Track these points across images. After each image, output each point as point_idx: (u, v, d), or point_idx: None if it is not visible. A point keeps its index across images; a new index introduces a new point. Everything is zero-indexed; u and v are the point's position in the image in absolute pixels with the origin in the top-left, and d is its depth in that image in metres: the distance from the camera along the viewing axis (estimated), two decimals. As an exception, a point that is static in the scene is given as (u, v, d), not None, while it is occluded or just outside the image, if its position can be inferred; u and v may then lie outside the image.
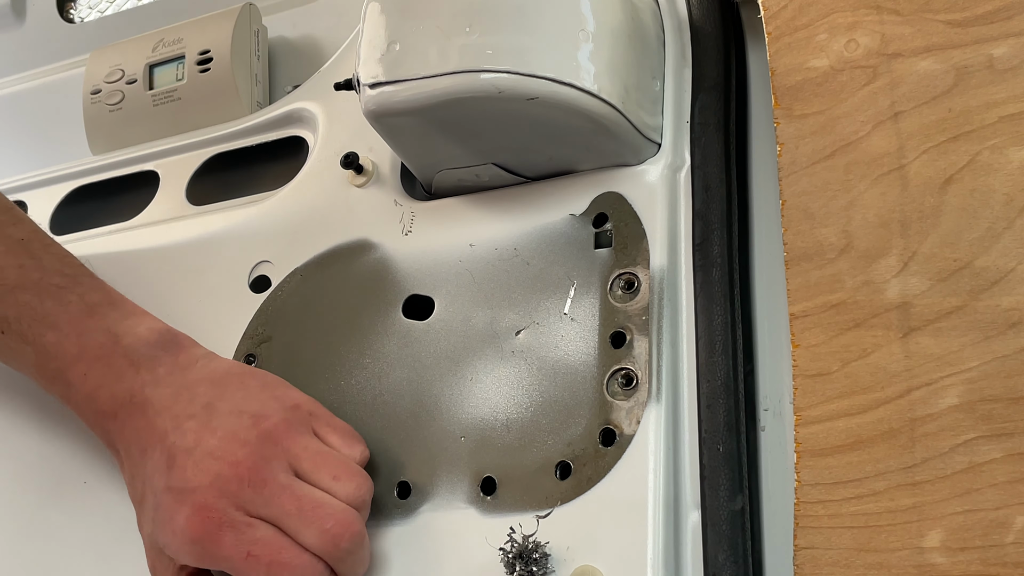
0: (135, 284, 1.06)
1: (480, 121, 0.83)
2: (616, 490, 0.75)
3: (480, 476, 0.80)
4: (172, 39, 1.19)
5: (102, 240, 1.12)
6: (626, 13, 0.85)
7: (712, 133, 0.86)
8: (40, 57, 1.40)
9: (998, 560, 0.62)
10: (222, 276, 1.01)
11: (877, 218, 0.72)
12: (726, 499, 0.74)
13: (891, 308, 0.70)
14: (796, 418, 0.71)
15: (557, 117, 0.81)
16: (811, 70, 0.78)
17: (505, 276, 0.87)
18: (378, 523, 0.82)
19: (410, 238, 0.93)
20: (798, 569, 0.67)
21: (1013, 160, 0.69)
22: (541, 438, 0.79)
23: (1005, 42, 0.71)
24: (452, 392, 0.84)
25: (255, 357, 0.95)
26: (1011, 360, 0.65)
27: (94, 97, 1.21)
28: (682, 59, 0.90)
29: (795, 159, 0.76)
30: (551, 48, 0.80)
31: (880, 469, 0.67)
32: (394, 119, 0.83)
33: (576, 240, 0.85)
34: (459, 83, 0.80)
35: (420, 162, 0.91)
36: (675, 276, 0.81)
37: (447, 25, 0.80)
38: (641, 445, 0.75)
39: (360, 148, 0.99)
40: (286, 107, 1.09)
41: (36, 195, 1.22)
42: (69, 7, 1.43)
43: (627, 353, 0.79)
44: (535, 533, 0.75)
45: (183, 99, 1.17)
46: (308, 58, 1.20)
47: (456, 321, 0.87)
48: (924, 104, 0.73)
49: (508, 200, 0.90)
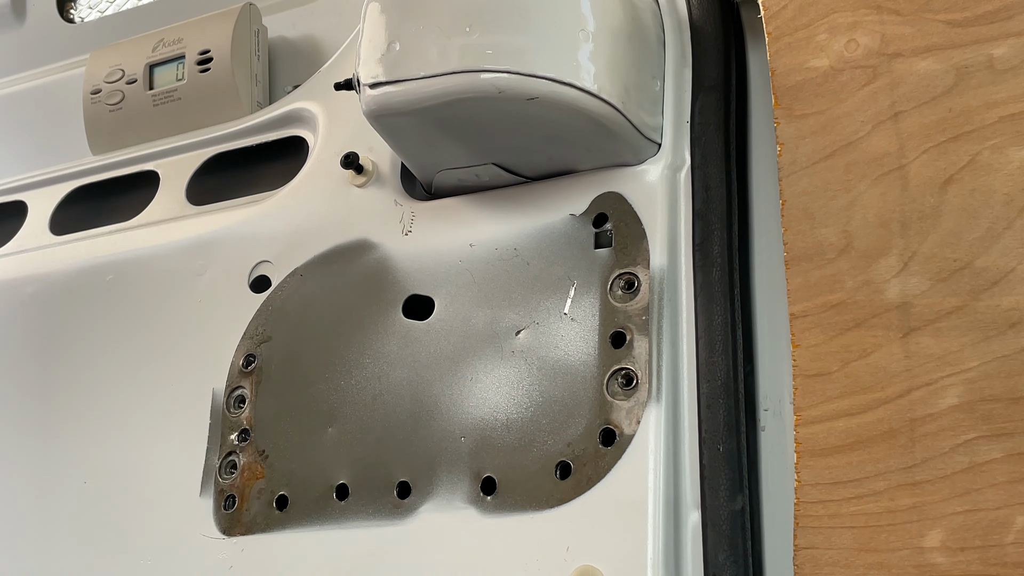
0: (135, 284, 1.06)
1: (480, 121, 0.83)
2: (616, 490, 0.75)
3: (480, 476, 0.80)
4: (172, 39, 1.19)
5: (102, 240, 1.12)
6: (626, 13, 0.85)
7: (712, 133, 0.86)
8: (40, 57, 1.40)
9: (998, 560, 0.62)
10: (222, 276, 1.01)
11: (877, 218, 0.72)
12: (726, 499, 0.74)
13: (891, 308, 0.70)
14: (796, 418, 0.71)
15: (557, 117, 0.81)
16: (811, 70, 0.78)
17: (505, 276, 0.87)
18: (378, 523, 0.82)
19: (410, 238, 0.93)
20: (798, 569, 0.67)
21: (1013, 160, 0.69)
22: (541, 438, 0.79)
23: (1005, 42, 0.71)
24: (452, 392, 0.84)
25: (255, 357, 0.95)
26: (1011, 360, 0.65)
27: (94, 97, 1.21)
28: (682, 59, 0.90)
29: (795, 159, 0.76)
30: (551, 48, 0.80)
31: (880, 469, 0.67)
32: (394, 119, 0.83)
33: (576, 240, 0.85)
34: (459, 83, 0.80)
35: (420, 162, 0.91)
36: (675, 276, 0.81)
37: (447, 25, 0.80)
38: (641, 445, 0.75)
39: (360, 148, 0.99)
40: (286, 107, 1.09)
41: (36, 195, 1.22)
42: (69, 7, 1.43)
43: (627, 353, 0.79)
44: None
45: (183, 99, 1.17)
46: (308, 58, 1.20)
47: (456, 321, 0.87)
48: (924, 104, 0.73)
49: (508, 200, 0.90)
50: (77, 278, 1.11)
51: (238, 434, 0.94)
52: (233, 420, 0.95)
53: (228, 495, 0.92)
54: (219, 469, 0.94)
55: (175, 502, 0.94)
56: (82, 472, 0.99)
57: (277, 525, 0.88)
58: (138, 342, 1.04)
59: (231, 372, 0.97)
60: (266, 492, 0.90)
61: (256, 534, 0.89)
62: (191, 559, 0.91)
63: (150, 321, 1.04)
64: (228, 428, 0.95)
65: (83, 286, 1.10)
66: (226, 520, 0.91)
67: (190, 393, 0.98)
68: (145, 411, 1.01)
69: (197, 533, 0.92)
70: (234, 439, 0.94)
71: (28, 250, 1.17)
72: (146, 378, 1.02)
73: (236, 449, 0.94)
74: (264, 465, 0.91)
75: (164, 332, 1.03)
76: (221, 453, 0.94)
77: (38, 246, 1.17)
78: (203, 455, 0.95)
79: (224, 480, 0.93)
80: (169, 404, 0.99)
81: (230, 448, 0.94)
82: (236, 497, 0.92)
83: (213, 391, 0.97)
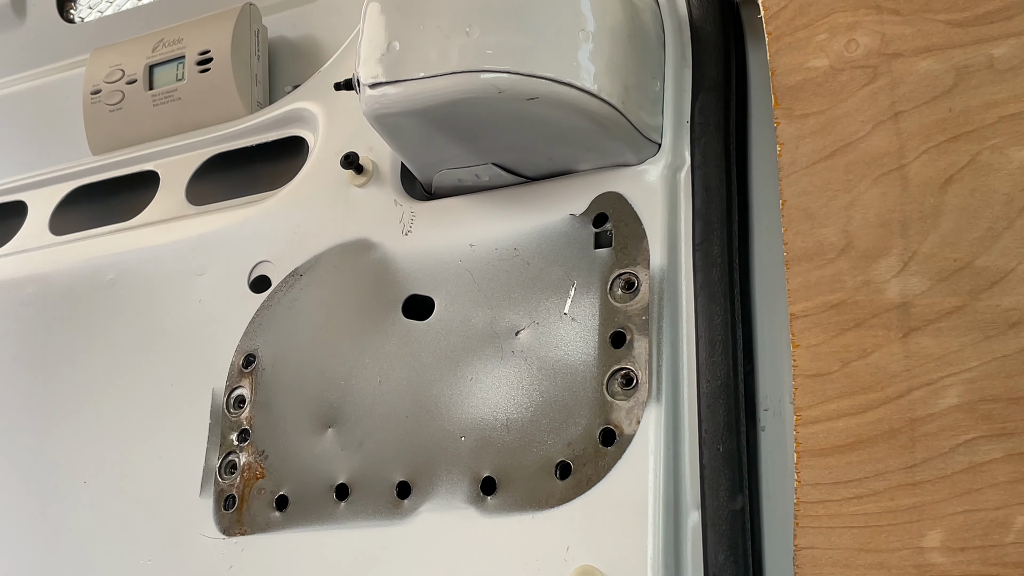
0: (135, 284, 1.06)
1: (480, 121, 0.83)
2: (616, 490, 0.75)
3: (480, 476, 0.80)
4: (172, 39, 1.19)
5: (102, 240, 1.12)
6: (626, 13, 0.85)
7: (712, 133, 0.86)
8: (40, 57, 1.40)
9: (998, 560, 0.62)
10: (222, 276, 1.01)
11: (877, 218, 0.72)
12: (726, 499, 0.74)
13: (891, 308, 0.70)
14: (796, 418, 0.71)
15: (557, 117, 0.81)
16: (811, 70, 0.78)
17: (505, 276, 0.87)
18: (378, 523, 0.82)
19: (410, 238, 0.93)
20: (798, 569, 0.67)
21: (1013, 160, 0.69)
22: (541, 438, 0.79)
23: (1005, 42, 0.71)
24: (452, 392, 0.84)
25: (255, 357, 0.95)
26: (1011, 360, 0.65)
27: (94, 97, 1.21)
28: (682, 59, 0.90)
29: (795, 159, 0.76)
30: (551, 48, 0.80)
31: (880, 469, 0.67)
32: (394, 119, 0.83)
33: (576, 240, 0.85)
34: (459, 83, 0.80)
35: (420, 162, 0.91)
36: (675, 276, 0.81)
37: (447, 25, 0.80)
38: (641, 445, 0.75)
39: (360, 148, 0.99)
40: (286, 107, 1.09)
41: (36, 195, 1.22)
42: (69, 7, 1.43)
43: (627, 353, 0.79)
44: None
45: (183, 99, 1.17)
46: (308, 58, 1.20)
47: (456, 321, 0.87)
48: (924, 104, 0.73)
49: (508, 200, 0.90)
50: (77, 278, 1.11)
51: (238, 434, 0.94)
52: (233, 420, 0.95)
53: (228, 495, 0.92)
54: (219, 469, 0.94)
55: (175, 502, 0.94)
56: (82, 472, 0.99)
57: (277, 525, 0.88)
58: (138, 342, 1.04)
59: (231, 372, 0.97)
60: (266, 492, 0.90)
61: (256, 534, 0.89)
62: (191, 559, 0.91)
63: (150, 321, 1.04)
64: (228, 428, 0.95)
65: (83, 286, 1.10)
66: (226, 520, 0.91)
67: (190, 393, 0.98)
68: (145, 411, 1.01)
69: (197, 533, 0.92)
70: (234, 439, 0.94)
71: (28, 250, 1.17)
72: (146, 378, 1.02)
73: (236, 449, 0.94)
74: (264, 465, 0.91)
75: (164, 332, 1.03)
76: (221, 453, 0.94)
77: (38, 246, 1.17)
78: (203, 455, 0.95)
79: (224, 480, 0.93)
80: (169, 404, 0.99)
81: (230, 448, 0.94)
82: (236, 497, 0.92)
83: (213, 391, 0.97)
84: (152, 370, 1.02)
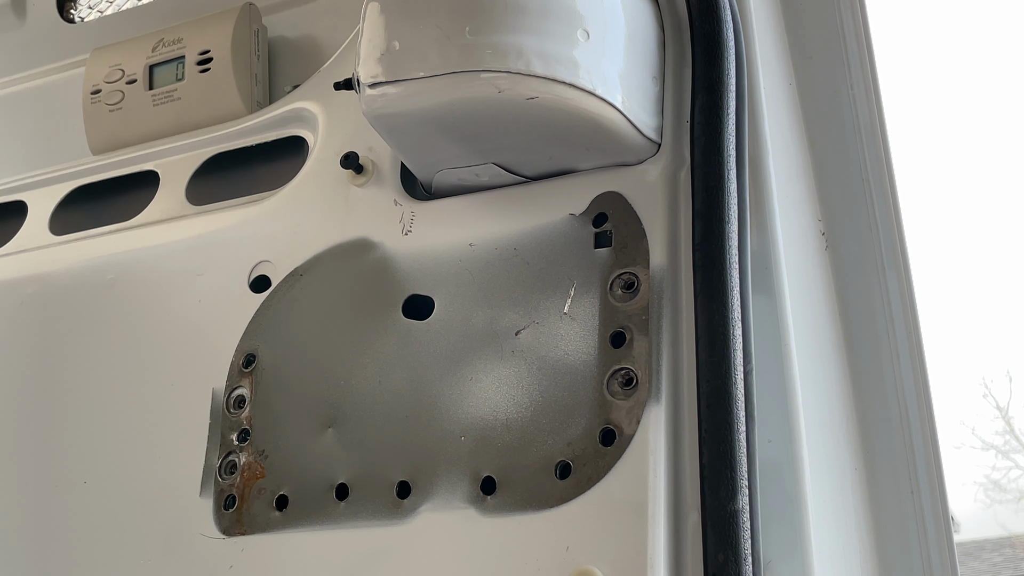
0: (135, 284, 1.06)
1: (480, 121, 0.83)
2: (616, 490, 0.75)
3: (480, 476, 0.80)
4: (172, 39, 1.19)
5: (102, 240, 1.12)
6: (626, 13, 0.85)
7: (712, 133, 0.86)
8: (40, 57, 1.40)
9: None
10: (222, 276, 1.01)
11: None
12: (726, 499, 0.74)
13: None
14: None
15: (557, 117, 0.81)
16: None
17: (505, 276, 0.87)
18: (378, 523, 0.82)
19: (410, 238, 0.92)
20: (798, 569, 0.67)
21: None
22: (541, 438, 0.79)
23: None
24: (452, 392, 0.84)
25: (255, 357, 0.95)
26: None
27: (94, 97, 1.21)
28: (682, 59, 0.90)
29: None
30: (551, 48, 0.80)
31: (880, 469, 0.67)
32: (394, 119, 0.83)
33: (576, 240, 0.85)
34: (459, 83, 0.79)
35: (420, 162, 0.91)
36: (675, 276, 0.81)
37: (447, 25, 0.80)
38: (641, 445, 0.75)
39: (360, 148, 0.99)
40: (286, 107, 1.09)
41: (36, 195, 1.22)
42: (69, 7, 1.43)
43: (627, 353, 0.79)
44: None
45: (183, 99, 1.17)
46: (308, 58, 1.20)
47: (456, 321, 0.87)
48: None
49: (508, 200, 0.90)
50: (77, 278, 1.11)
51: (238, 434, 0.94)
52: (233, 420, 0.95)
53: (228, 495, 0.92)
54: (219, 469, 0.94)
55: (175, 502, 0.94)
56: (82, 472, 0.99)
57: (277, 525, 0.88)
58: (138, 342, 1.04)
59: (231, 372, 0.96)
60: (266, 492, 0.90)
61: (256, 534, 0.89)
62: (191, 559, 0.91)
63: (150, 321, 1.04)
64: (228, 428, 0.95)
65: (83, 286, 1.10)
66: (226, 520, 0.91)
67: (190, 393, 0.98)
68: (145, 411, 1.00)
69: (197, 533, 0.92)
70: (234, 439, 0.94)
71: (28, 250, 1.17)
72: (146, 378, 1.02)
73: (236, 449, 0.94)
74: (264, 465, 0.91)
75: (164, 332, 1.03)
76: (221, 453, 0.94)
77: (38, 246, 1.17)
78: (203, 455, 0.95)
79: (224, 480, 0.93)
80: (169, 404, 0.99)
81: (230, 448, 0.94)
82: (236, 497, 0.92)
83: (213, 391, 0.97)
84: (152, 370, 1.02)
